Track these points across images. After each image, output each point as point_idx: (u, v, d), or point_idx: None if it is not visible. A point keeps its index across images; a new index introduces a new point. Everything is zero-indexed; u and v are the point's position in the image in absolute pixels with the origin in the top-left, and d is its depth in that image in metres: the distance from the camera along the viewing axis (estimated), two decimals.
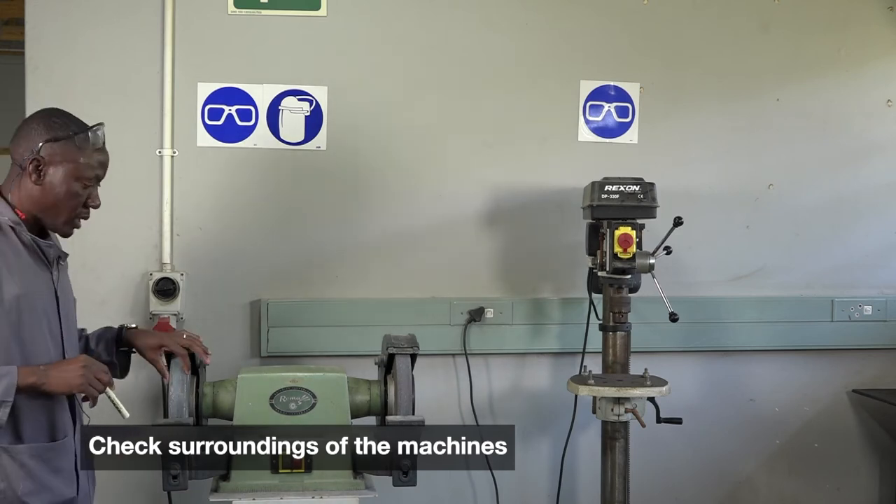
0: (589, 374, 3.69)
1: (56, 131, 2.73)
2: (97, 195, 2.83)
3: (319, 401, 3.03)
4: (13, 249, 2.70)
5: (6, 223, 2.71)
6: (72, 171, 2.73)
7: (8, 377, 2.59)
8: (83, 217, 2.83)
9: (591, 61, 4.18)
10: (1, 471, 2.66)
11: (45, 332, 2.75)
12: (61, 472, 2.78)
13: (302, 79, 4.00)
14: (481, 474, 4.15)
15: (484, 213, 4.10)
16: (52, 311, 2.79)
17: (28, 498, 2.69)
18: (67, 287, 2.93)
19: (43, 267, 2.78)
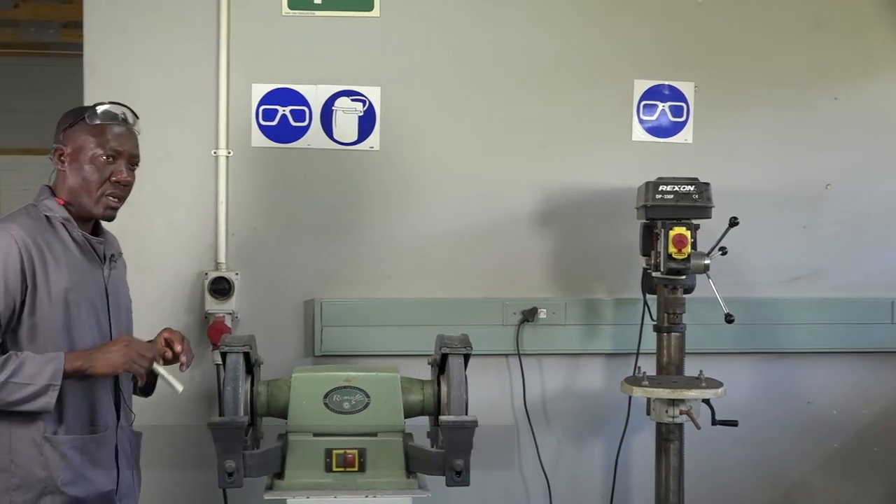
0: (643, 375, 3.67)
1: (72, 117, 2.85)
2: (123, 170, 2.87)
3: (373, 400, 3.04)
4: (62, 244, 2.79)
5: (57, 219, 2.80)
6: (87, 147, 2.82)
7: (55, 361, 2.66)
8: (113, 195, 2.86)
9: (645, 61, 4.15)
10: (43, 460, 2.73)
11: (93, 326, 2.82)
12: (101, 464, 2.84)
13: (355, 79, 4.01)
14: (534, 474, 4.14)
15: (537, 212, 4.08)
16: (101, 307, 2.86)
17: (67, 488, 2.75)
18: (121, 285, 2.99)
19: (95, 263, 2.86)
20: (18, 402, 2.65)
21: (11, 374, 2.63)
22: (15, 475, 2.72)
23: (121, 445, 2.93)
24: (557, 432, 4.16)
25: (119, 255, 3.02)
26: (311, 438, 3.01)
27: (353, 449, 3.00)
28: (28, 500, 2.72)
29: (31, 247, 2.70)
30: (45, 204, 2.83)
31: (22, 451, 2.72)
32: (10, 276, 2.67)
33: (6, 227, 2.73)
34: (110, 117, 2.86)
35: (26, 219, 2.78)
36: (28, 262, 2.69)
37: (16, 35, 9.29)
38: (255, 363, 3.14)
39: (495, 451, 4.07)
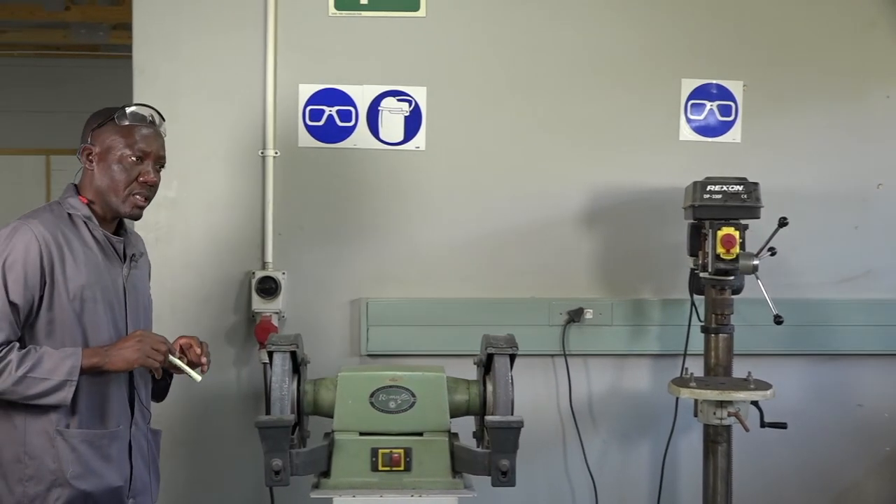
0: (690, 376, 3.64)
1: (100, 118, 2.89)
2: (150, 171, 2.90)
3: (419, 400, 3.04)
4: (82, 242, 2.84)
5: (79, 217, 2.85)
6: (115, 149, 2.86)
7: (73, 357, 2.73)
8: (140, 195, 2.91)
9: (692, 59, 4.12)
10: (54, 452, 2.78)
11: (109, 324, 2.86)
12: (112, 460, 2.88)
13: (401, 79, 4.02)
14: (580, 475, 4.12)
15: (583, 213, 4.06)
16: (118, 305, 2.91)
17: (75, 481, 2.80)
18: (141, 284, 3.04)
19: (115, 262, 2.91)
20: (36, 395, 2.72)
21: (30, 368, 2.70)
22: (28, 466, 2.78)
23: (135, 443, 2.97)
24: (603, 433, 4.14)
25: (141, 254, 3.06)
26: (357, 437, 3.02)
27: (399, 448, 3.00)
28: (39, 492, 2.78)
29: (51, 243, 2.76)
30: (69, 202, 2.88)
31: (35, 444, 2.78)
32: (30, 271, 2.73)
33: (28, 223, 2.79)
34: (139, 118, 2.90)
35: (48, 215, 2.84)
36: (47, 258, 2.75)
37: (67, 37, 9.42)
38: (301, 362, 3.15)
39: (541, 451, 4.06)
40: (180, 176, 3.93)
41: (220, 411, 3.99)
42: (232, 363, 3.98)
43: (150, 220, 3.91)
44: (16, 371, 2.69)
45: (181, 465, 3.97)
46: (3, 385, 2.70)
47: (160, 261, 3.91)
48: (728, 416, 3.56)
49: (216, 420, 3.99)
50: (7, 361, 2.69)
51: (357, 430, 3.03)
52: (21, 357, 2.70)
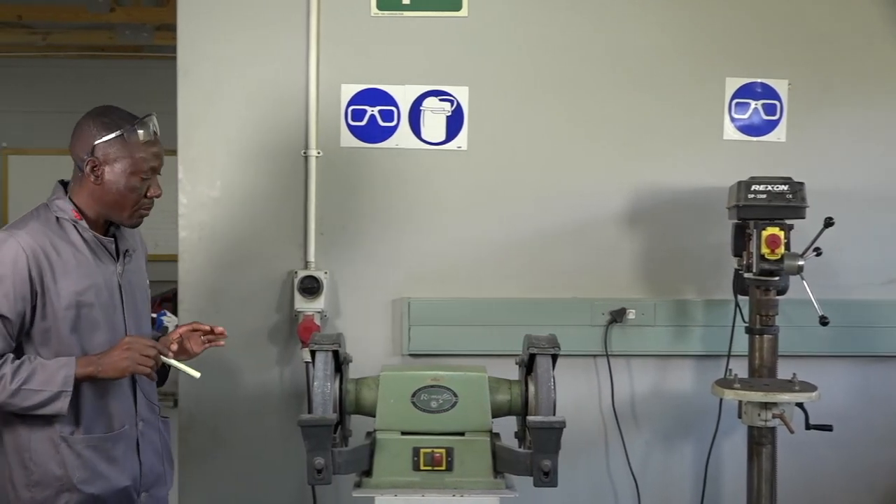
0: (734, 377, 3.61)
1: (106, 130, 2.85)
2: (157, 185, 2.92)
3: (460, 399, 3.04)
4: (72, 246, 2.84)
5: (67, 220, 2.85)
6: (126, 168, 2.85)
7: (67, 367, 2.74)
8: (145, 208, 2.93)
9: (737, 58, 4.08)
10: (59, 458, 2.81)
11: (106, 327, 2.87)
12: (116, 461, 2.91)
13: (443, 79, 4.02)
14: (622, 476, 4.10)
15: (626, 212, 4.04)
16: (115, 305, 2.91)
17: (83, 486, 2.83)
18: (136, 280, 3.03)
19: (107, 260, 2.91)
20: (33, 407, 2.74)
21: (24, 380, 2.72)
22: (33, 472, 2.82)
23: (143, 438, 2.99)
24: (646, 434, 4.12)
25: (135, 249, 3.05)
26: (399, 437, 3.03)
27: (441, 448, 3.01)
28: (47, 497, 2.81)
29: (39, 253, 2.77)
30: (57, 204, 2.88)
31: (39, 450, 2.81)
32: (18, 283, 2.74)
33: (15, 234, 2.79)
34: (152, 134, 2.89)
35: (35, 223, 2.83)
36: (36, 269, 2.76)
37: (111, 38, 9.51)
38: (343, 361, 3.16)
39: (583, 452, 4.05)
40: (224, 176, 3.95)
41: (262, 410, 4.01)
42: (274, 362, 4.00)
43: (194, 220, 3.95)
44: (10, 384, 2.71)
45: (224, 463, 3.99)
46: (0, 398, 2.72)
47: (204, 260, 3.96)
48: (773, 418, 3.53)
49: (259, 419, 4.01)
50: (1, 375, 2.71)
51: (399, 430, 3.04)
52: (15, 369, 2.72)
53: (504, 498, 3.00)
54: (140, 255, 3.11)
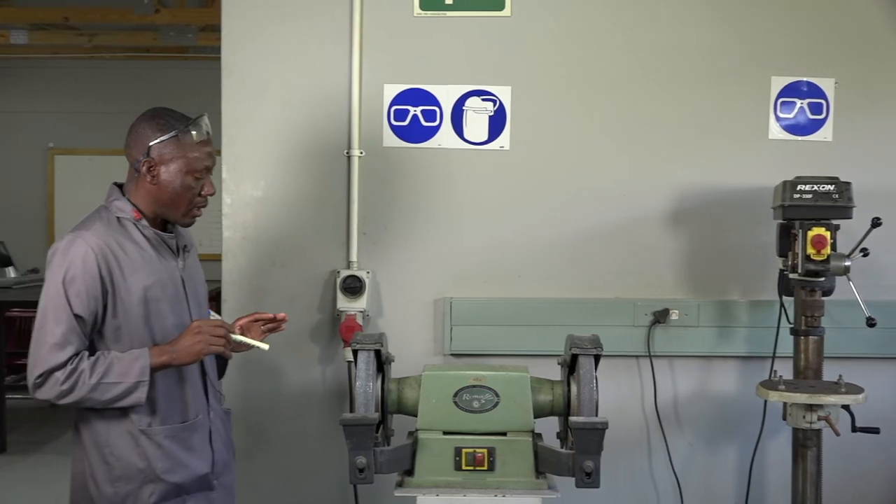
0: (779, 379, 3.58)
1: (161, 131, 2.89)
2: (211, 184, 2.97)
3: (502, 399, 3.03)
4: (135, 244, 2.89)
5: (127, 220, 2.90)
6: (182, 167, 2.89)
7: (142, 358, 2.80)
8: (200, 207, 2.98)
9: (782, 57, 4.04)
10: (141, 451, 2.86)
11: (173, 319, 2.93)
12: (195, 449, 2.96)
13: (486, 79, 4.02)
14: (665, 478, 4.08)
15: (670, 212, 4.02)
16: (179, 298, 2.97)
17: (166, 475, 2.88)
18: (195, 274, 3.10)
19: (169, 257, 2.97)
20: (112, 399, 2.80)
21: (103, 374, 2.77)
22: (115, 467, 2.86)
23: (213, 427, 3.05)
24: (689, 436, 4.09)
25: (191, 245, 3.11)
26: (441, 437, 3.02)
27: (483, 448, 3.00)
28: (131, 490, 2.86)
29: (106, 252, 2.81)
30: (116, 205, 2.93)
31: (119, 444, 2.86)
32: (90, 283, 2.78)
33: (82, 235, 2.83)
34: (205, 133, 2.93)
35: (99, 224, 2.88)
36: (105, 267, 2.80)
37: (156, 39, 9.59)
38: (385, 361, 3.17)
39: (625, 453, 4.03)
40: (267, 176, 3.98)
41: (305, 409, 4.03)
42: (317, 361, 4.02)
43: (237, 220, 3.97)
44: (89, 379, 2.76)
45: (267, 461, 4.02)
46: (80, 394, 2.77)
47: (247, 259, 3.98)
48: (818, 420, 3.50)
49: (301, 417, 4.03)
50: (80, 372, 2.76)
51: (441, 429, 3.03)
52: (92, 365, 2.77)
53: (546, 498, 2.99)
54: (195, 253, 3.17)
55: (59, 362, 2.75)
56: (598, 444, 2.91)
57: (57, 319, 2.77)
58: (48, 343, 2.76)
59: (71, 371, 2.75)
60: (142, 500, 2.86)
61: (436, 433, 3.03)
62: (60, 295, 2.77)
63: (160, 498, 2.88)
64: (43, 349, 2.76)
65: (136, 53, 10.41)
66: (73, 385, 2.75)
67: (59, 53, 10.50)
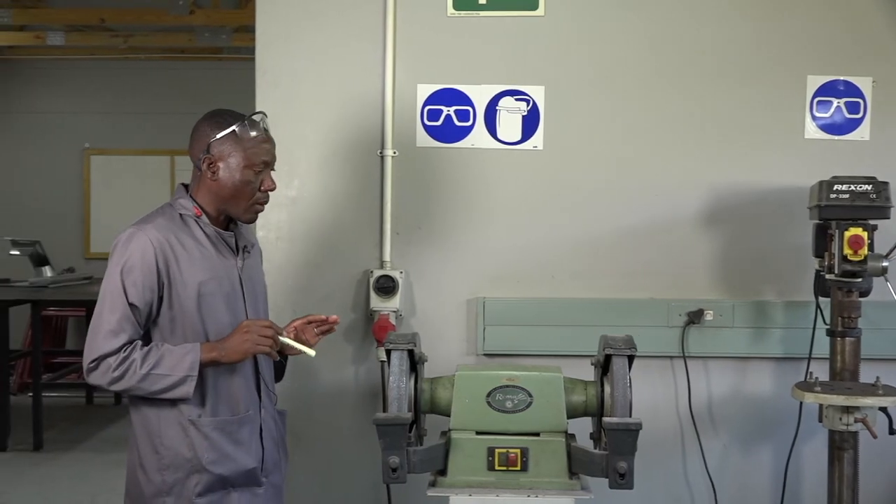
0: (815, 380, 3.55)
1: (219, 128, 2.97)
2: (270, 179, 3.03)
3: (536, 400, 3.03)
4: (195, 240, 2.96)
5: (189, 217, 2.97)
6: (240, 162, 2.96)
7: (192, 353, 2.87)
8: (261, 202, 3.03)
9: (819, 55, 4.01)
10: (189, 441, 2.91)
11: (228, 316, 2.98)
12: (243, 443, 3.00)
13: (519, 79, 4.01)
14: (699, 479, 4.05)
15: (704, 212, 4.00)
16: (236, 296, 3.02)
17: (212, 466, 2.93)
18: (255, 274, 3.15)
19: (228, 255, 3.03)
20: (160, 391, 2.87)
21: (153, 365, 2.84)
22: (164, 456, 2.92)
23: (265, 424, 3.09)
24: (724, 437, 4.06)
25: (252, 245, 3.17)
26: (474, 436, 3.02)
27: (516, 448, 3.00)
28: (178, 479, 2.92)
29: (165, 246, 2.90)
30: (180, 203, 3.01)
31: (169, 434, 2.92)
32: (147, 274, 2.87)
33: (142, 228, 2.92)
34: (261, 129, 3.00)
35: (161, 219, 2.96)
36: (163, 260, 2.89)
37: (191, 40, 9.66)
38: (418, 360, 3.17)
39: (659, 454, 4.01)
40: (301, 176, 3.99)
41: (338, 408, 4.04)
42: (350, 361, 4.03)
43: (271, 220, 3.99)
44: (140, 369, 2.83)
45: (300, 459, 4.02)
46: (130, 383, 2.85)
47: (281, 259, 4.00)
48: (855, 422, 3.47)
49: (334, 417, 4.04)
50: (131, 361, 2.83)
51: (474, 429, 3.03)
52: (144, 355, 2.85)
53: (579, 499, 2.98)
54: (257, 253, 3.23)
55: (113, 349, 2.84)
56: (631, 445, 2.90)
57: (113, 308, 2.86)
58: (103, 330, 2.85)
59: (123, 359, 2.83)
60: (187, 489, 2.92)
61: (469, 433, 3.03)
62: (117, 284, 2.86)
63: (205, 489, 2.93)
64: (98, 336, 2.86)
65: (171, 54, 10.49)
66: (124, 373, 2.83)
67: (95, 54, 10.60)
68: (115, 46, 10.06)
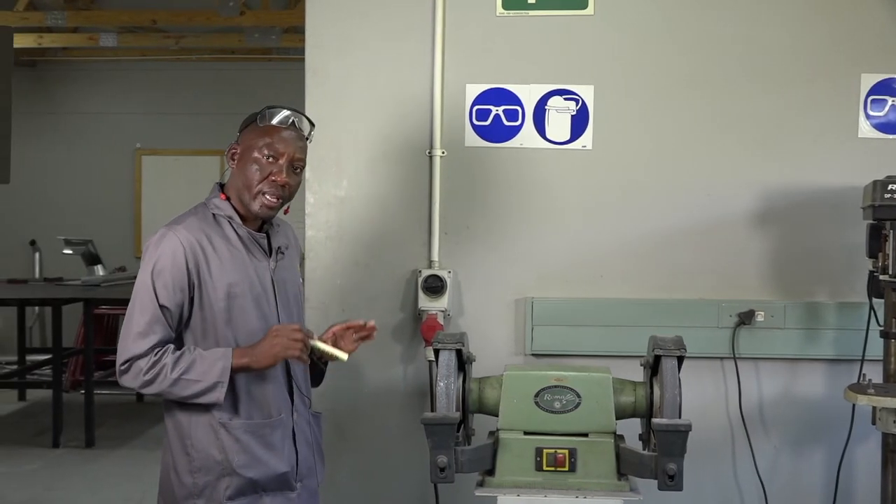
0: (868, 382, 3.50)
1: (249, 119, 3.00)
2: (282, 171, 2.93)
3: (584, 400, 3.02)
4: (226, 241, 2.95)
5: (222, 217, 2.96)
6: (252, 149, 2.94)
7: (223, 360, 2.85)
8: (270, 194, 2.93)
9: (873, 53, 3.95)
10: (219, 444, 2.90)
11: (258, 319, 2.96)
12: (274, 447, 2.97)
13: (568, 78, 3.99)
14: (749, 482, 4.01)
15: (755, 212, 3.96)
16: (267, 299, 3.00)
17: (242, 470, 2.91)
18: (289, 275, 3.11)
19: (261, 256, 3.01)
20: (191, 396, 2.86)
21: (184, 370, 2.83)
22: (195, 458, 2.92)
23: (298, 428, 3.06)
24: (775, 439, 4.02)
25: (287, 246, 3.12)
26: (522, 437, 3.02)
27: (564, 449, 2.99)
28: (209, 482, 2.91)
29: (196, 247, 2.89)
30: (213, 202, 3.00)
31: (200, 437, 2.92)
32: (177, 275, 2.87)
33: (174, 229, 2.91)
34: (278, 120, 2.97)
35: (193, 219, 2.95)
36: (193, 262, 2.88)
37: (241, 41, 9.75)
38: (466, 360, 3.17)
39: (709, 456, 3.97)
40: (350, 175, 4.01)
41: (386, 407, 4.05)
42: (399, 360, 4.03)
43: (320, 219, 4.01)
44: (171, 374, 2.82)
45: (348, 459, 4.05)
46: (161, 387, 2.85)
47: (330, 258, 4.02)
48: None
49: (382, 416, 4.06)
50: (163, 365, 2.83)
51: (522, 430, 3.03)
52: (175, 360, 2.84)
53: (628, 500, 2.96)
54: (293, 254, 3.19)
55: (142, 350, 2.83)
56: (681, 447, 2.88)
57: (143, 309, 2.86)
58: (133, 331, 2.85)
59: (154, 362, 2.83)
60: (218, 492, 2.91)
61: (517, 433, 3.02)
62: (148, 286, 2.86)
63: (236, 492, 2.92)
64: (129, 337, 2.86)
65: (221, 55, 10.59)
66: (155, 377, 2.83)
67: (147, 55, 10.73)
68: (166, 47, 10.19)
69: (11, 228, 10.97)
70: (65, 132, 11.13)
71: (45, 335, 11.06)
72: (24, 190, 10.26)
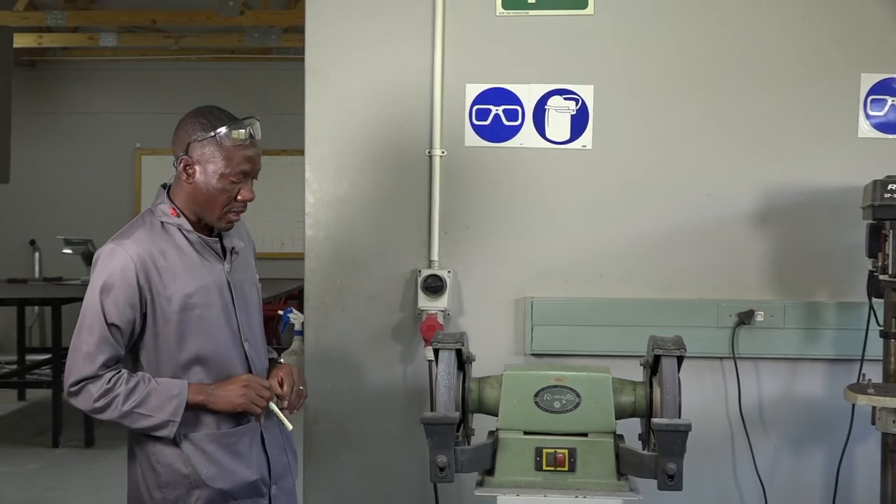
0: (868, 382, 3.50)
1: (202, 130, 2.85)
2: (249, 189, 2.89)
3: (584, 400, 3.01)
4: (178, 249, 2.87)
5: (171, 225, 2.87)
6: (218, 169, 2.83)
7: (178, 398, 2.80)
8: (235, 211, 2.90)
9: (873, 54, 3.95)
10: (184, 457, 2.85)
11: (222, 325, 2.90)
12: (242, 456, 2.93)
13: (568, 78, 3.99)
14: (749, 482, 4.01)
15: (755, 212, 3.96)
16: (224, 303, 2.93)
17: (212, 482, 2.87)
18: (245, 277, 3.04)
19: (214, 260, 2.93)
20: (141, 429, 2.83)
21: (137, 404, 2.78)
22: (160, 474, 2.87)
23: (266, 431, 3.02)
24: (775, 439, 4.02)
25: (240, 248, 3.03)
26: (522, 436, 3.01)
27: (564, 448, 2.98)
28: (178, 496, 2.86)
29: (146, 260, 2.81)
30: (161, 209, 2.91)
31: (163, 451, 2.86)
32: (127, 292, 2.79)
33: (122, 244, 2.83)
34: (246, 138, 2.87)
35: (141, 231, 2.86)
36: (144, 276, 2.80)
37: (241, 41, 9.75)
38: (466, 360, 3.16)
39: (709, 456, 3.97)
40: (349, 175, 4.01)
41: (385, 407, 4.05)
42: (398, 360, 4.03)
43: (319, 219, 4.01)
44: (122, 406, 2.77)
45: (348, 459, 4.05)
46: (111, 416, 2.80)
47: (329, 258, 4.02)
48: None
49: (382, 416, 4.05)
50: (115, 395, 2.77)
51: (521, 429, 3.02)
52: (129, 391, 2.78)
53: (628, 500, 2.96)
54: (248, 252, 3.11)
55: (92, 372, 2.78)
56: (681, 447, 2.88)
57: (91, 329, 2.81)
58: (82, 351, 2.80)
59: (106, 390, 2.77)
60: None
61: (516, 433, 3.02)
62: (96, 304, 2.80)
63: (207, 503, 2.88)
64: (77, 357, 2.81)
65: (221, 55, 10.59)
66: (106, 405, 2.78)
67: (147, 55, 10.73)
68: (166, 47, 10.20)
69: (11, 228, 10.99)
70: (65, 132, 11.14)
71: (44, 335, 11.07)
72: (24, 190, 10.26)
